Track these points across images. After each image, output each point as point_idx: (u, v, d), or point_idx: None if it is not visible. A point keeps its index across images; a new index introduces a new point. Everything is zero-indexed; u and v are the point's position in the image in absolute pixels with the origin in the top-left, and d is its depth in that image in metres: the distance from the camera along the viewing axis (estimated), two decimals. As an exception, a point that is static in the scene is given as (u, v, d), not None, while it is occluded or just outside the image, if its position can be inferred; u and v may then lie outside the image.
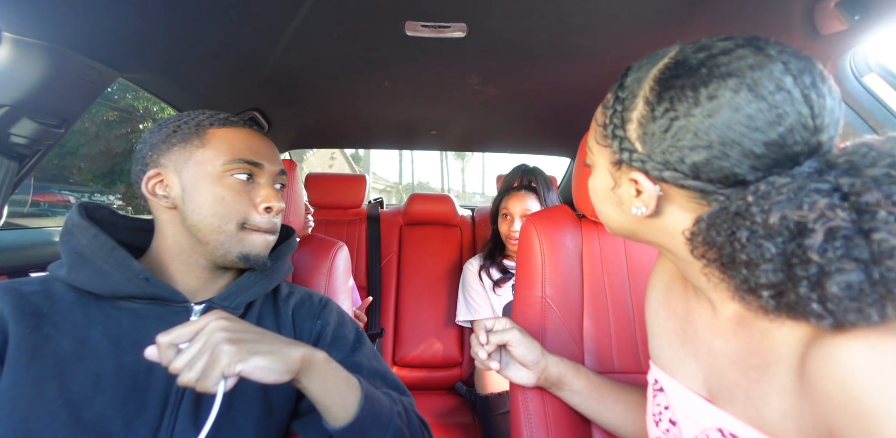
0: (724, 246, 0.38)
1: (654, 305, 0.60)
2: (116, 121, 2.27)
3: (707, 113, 0.38)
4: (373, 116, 1.61)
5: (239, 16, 0.84)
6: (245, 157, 0.64)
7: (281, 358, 0.50)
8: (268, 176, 0.67)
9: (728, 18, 0.83)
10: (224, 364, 0.47)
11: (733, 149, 0.38)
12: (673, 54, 0.43)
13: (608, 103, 0.47)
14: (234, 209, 0.63)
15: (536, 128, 1.73)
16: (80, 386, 0.55)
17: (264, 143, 0.69)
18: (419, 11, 0.83)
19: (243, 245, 0.64)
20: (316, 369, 0.55)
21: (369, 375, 0.70)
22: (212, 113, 0.68)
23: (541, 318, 0.84)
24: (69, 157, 2.06)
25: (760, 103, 0.37)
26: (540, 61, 1.05)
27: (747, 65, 0.38)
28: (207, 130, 0.65)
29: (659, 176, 0.42)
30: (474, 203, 3.79)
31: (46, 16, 0.79)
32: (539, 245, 0.88)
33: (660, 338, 0.57)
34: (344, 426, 0.56)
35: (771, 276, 0.35)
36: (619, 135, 0.45)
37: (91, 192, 2.25)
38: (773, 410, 0.39)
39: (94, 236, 0.60)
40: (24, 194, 1.64)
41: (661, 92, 0.41)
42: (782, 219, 0.34)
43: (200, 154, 0.63)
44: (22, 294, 0.58)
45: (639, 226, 0.49)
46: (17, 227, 1.29)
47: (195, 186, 0.63)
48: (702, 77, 0.39)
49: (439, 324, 1.80)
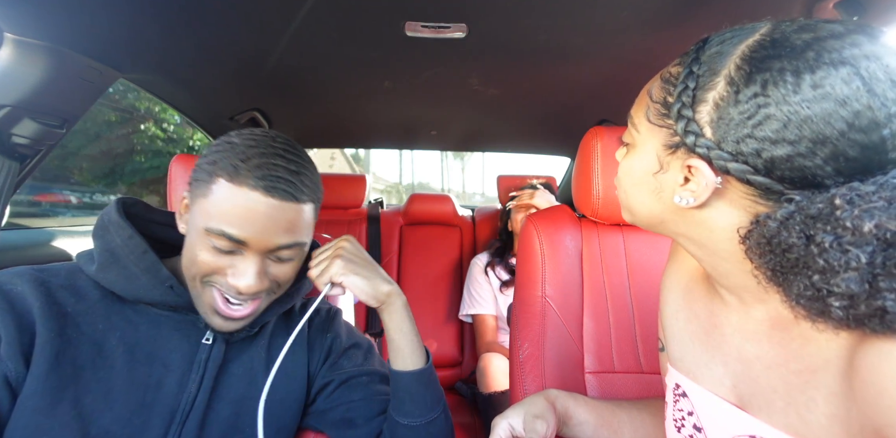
0: (793, 249, 0.35)
1: (673, 307, 0.57)
2: (118, 121, 2.28)
3: (807, 103, 0.33)
4: (373, 116, 1.61)
5: (239, 16, 0.85)
6: (226, 231, 0.54)
7: (372, 285, 0.64)
8: (257, 250, 0.56)
9: (727, 19, 0.83)
10: (332, 272, 0.63)
11: (825, 147, 0.33)
12: (766, 30, 0.37)
13: (674, 78, 0.42)
14: (201, 268, 0.56)
15: (536, 128, 1.73)
16: (93, 399, 0.54)
17: (265, 214, 0.55)
18: (419, 11, 0.83)
19: (205, 312, 0.59)
20: (395, 308, 0.66)
21: (383, 380, 0.72)
22: (248, 156, 0.55)
23: (541, 318, 0.84)
24: (70, 158, 2.07)
25: (872, 99, 0.32)
26: (540, 61, 1.06)
27: (863, 53, 0.33)
28: (217, 179, 0.54)
29: (723, 167, 0.37)
30: (474, 203, 3.79)
31: (48, 17, 0.79)
32: (539, 245, 0.88)
33: (681, 342, 0.54)
34: (411, 370, 0.66)
35: (853, 286, 0.32)
36: (686, 115, 0.39)
37: (92, 192, 2.26)
38: (820, 416, 0.37)
39: (130, 237, 0.59)
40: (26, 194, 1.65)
41: (753, 72, 0.35)
42: (877, 228, 0.31)
43: (199, 204, 0.56)
44: (50, 289, 0.56)
45: (673, 217, 0.45)
46: (19, 227, 1.29)
47: (189, 235, 0.59)
48: (808, 61, 0.34)
49: (440, 324, 1.80)
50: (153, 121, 2.56)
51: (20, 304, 0.53)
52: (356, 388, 0.70)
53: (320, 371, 0.71)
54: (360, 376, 0.71)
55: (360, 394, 0.69)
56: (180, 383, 0.59)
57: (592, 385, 0.81)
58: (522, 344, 0.83)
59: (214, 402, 0.61)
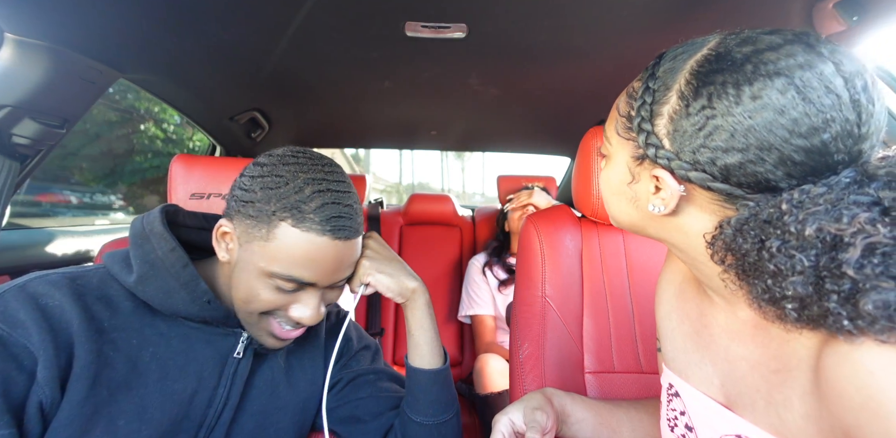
0: (750, 254, 0.36)
1: (666, 308, 0.58)
2: (118, 121, 2.28)
3: (748, 114, 0.35)
4: (373, 116, 1.62)
5: (240, 16, 0.85)
6: (295, 276, 0.55)
7: (398, 282, 0.66)
8: (322, 286, 0.59)
9: (726, 19, 0.83)
10: (360, 273, 0.64)
11: (771, 154, 0.35)
12: (713, 45, 0.39)
13: (635, 93, 0.44)
14: (264, 306, 0.57)
15: (536, 128, 1.74)
16: (127, 420, 0.53)
17: (333, 256, 0.56)
18: (419, 12, 0.83)
19: (260, 336, 0.60)
20: (419, 304, 0.68)
21: (390, 379, 0.74)
22: (308, 192, 0.55)
23: (541, 318, 0.84)
24: (70, 158, 2.07)
25: (808, 107, 0.34)
26: (540, 61, 1.06)
27: (797, 64, 0.35)
28: (280, 224, 0.54)
29: (685, 176, 0.40)
30: (474, 203, 3.79)
31: (48, 17, 0.79)
32: (539, 245, 0.88)
33: (673, 342, 0.55)
34: (428, 369, 0.67)
35: (799, 289, 0.33)
36: (645, 128, 0.42)
37: (92, 192, 2.26)
38: (796, 415, 0.38)
39: (172, 249, 0.57)
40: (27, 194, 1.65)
41: (699, 86, 0.38)
42: (818, 231, 0.32)
43: (259, 246, 0.55)
44: (87, 303, 0.54)
45: (651, 223, 0.47)
46: (19, 227, 1.30)
47: (242, 268, 0.57)
48: (746, 74, 0.36)
49: (439, 324, 1.80)
50: (153, 121, 2.56)
51: (58, 321, 0.50)
52: (363, 386, 0.71)
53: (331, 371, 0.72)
54: (366, 374, 0.72)
55: (366, 392, 0.70)
56: (210, 397, 0.59)
57: (592, 385, 0.81)
58: (522, 344, 0.83)
59: (239, 415, 0.62)
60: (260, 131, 1.66)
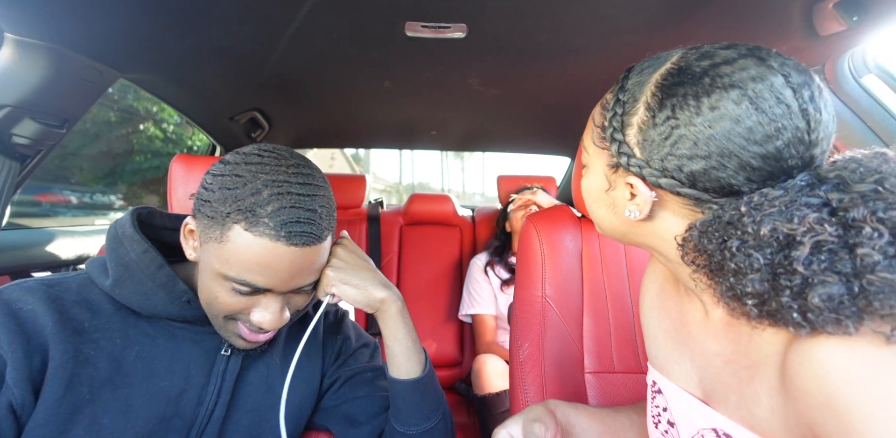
0: (714, 254, 0.39)
1: (649, 306, 0.60)
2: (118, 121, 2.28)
3: (708, 123, 0.38)
4: (373, 116, 1.62)
5: (240, 16, 0.85)
6: (248, 280, 0.53)
7: (364, 293, 0.63)
8: (280, 292, 0.57)
9: (727, 19, 0.83)
10: (324, 283, 0.61)
11: (731, 160, 0.38)
12: (676, 59, 0.42)
13: (608, 105, 0.47)
14: (224, 308, 0.56)
15: (536, 128, 1.74)
16: (112, 418, 0.53)
17: (289, 262, 0.53)
18: (419, 12, 0.83)
19: (230, 337, 0.59)
20: (389, 315, 0.65)
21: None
22: (256, 184, 0.52)
23: (541, 318, 0.84)
24: (70, 158, 2.07)
25: (761, 116, 0.37)
26: (540, 61, 1.06)
27: (749, 76, 0.38)
28: (233, 227, 0.51)
29: (655, 182, 0.42)
30: (474, 203, 3.79)
31: (48, 17, 0.79)
32: (539, 245, 0.88)
33: (655, 340, 0.57)
34: (405, 379, 0.64)
35: (757, 286, 0.36)
36: (617, 138, 0.44)
37: (92, 192, 2.26)
38: (763, 409, 0.40)
39: (145, 251, 0.57)
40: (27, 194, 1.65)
41: (664, 98, 0.41)
42: (772, 231, 0.35)
43: (214, 248, 0.53)
44: (64, 305, 0.54)
45: (630, 229, 0.49)
46: (19, 227, 1.30)
47: (202, 271, 0.56)
48: (705, 86, 0.39)
49: (439, 324, 1.80)
50: (153, 121, 2.56)
51: (31, 325, 0.51)
52: (361, 385, 0.71)
53: (329, 370, 0.72)
54: (364, 372, 0.72)
55: (364, 390, 0.70)
56: (199, 395, 0.59)
57: (592, 385, 0.81)
58: (522, 344, 0.83)
59: (233, 412, 0.61)
60: (260, 131, 1.66)
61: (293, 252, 0.53)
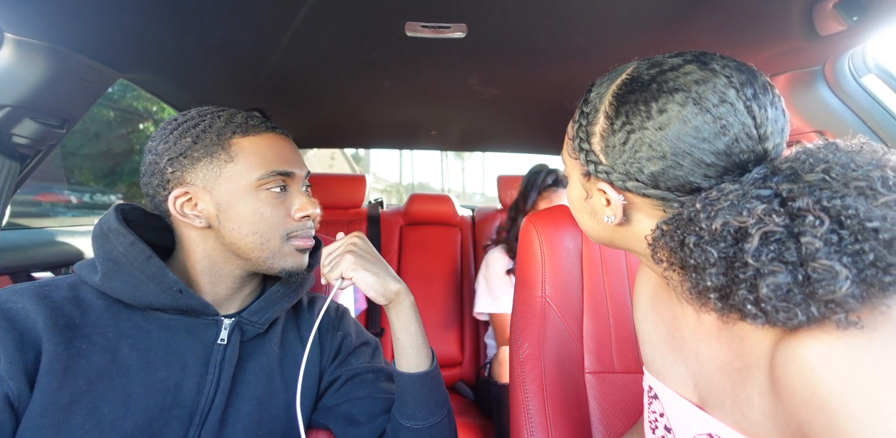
0: (677, 251, 0.40)
1: (643, 311, 0.60)
2: (117, 121, 2.28)
3: (658, 126, 0.40)
4: (373, 116, 1.61)
5: (239, 16, 0.85)
6: (278, 169, 0.61)
7: (381, 282, 0.64)
8: (299, 182, 0.65)
9: (726, 19, 0.83)
10: (342, 267, 0.64)
11: (685, 158, 0.40)
12: (630, 70, 0.45)
13: (575, 118, 0.49)
14: (275, 224, 0.61)
15: (536, 128, 1.73)
16: (111, 407, 0.54)
17: (289, 147, 0.65)
18: (419, 12, 0.83)
19: (286, 261, 0.64)
20: (403, 307, 0.66)
21: (389, 378, 0.73)
22: (227, 116, 0.63)
23: (541, 318, 0.84)
24: (70, 158, 2.07)
25: (705, 115, 0.39)
26: (540, 61, 1.06)
27: (693, 79, 0.40)
28: (232, 141, 0.61)
29: (623, 186, 0.44)
30: (474, 203, 3.80)
31: (48, 17, 0.79)
32: (539, 245, 0.88)
33: (650, 345, 0.57)
34: (415, 373, 0.65)
35: (715, 280, 0.37)
36: (585, 148, 0.47)
37: (92, 192, 2.26)
38: (756, 412, 0.40)
39: (132, 243, 0.58)
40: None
41: (619, 106, 0.43)
42: (724, 225, 0.36)
43: (230, 169, 0.60)
44: (54, 302, 0.55)
45: (613, 234, 0.51)
46: (19, 227, 1.30)
47: (231, 205, 0.60)
48: (652, 92, 0.41)
49: (440, 324, 1.80)
50: (153, 121, 2.56)
51: (22, 321, 0.52)
52: (361, 385, 0.71)
53: (329, 368, 0.72)
54: (366, 373, 0.72)
55: (365, 391, 0.70)
56: (198, 384, 0.59)
57: (592, 385, 0.81)
58: (522, 344, 0.83)
59: (234, 400, 0.62)
60: (260, 131, 1.65)
61: (283, 138, 0.65)
